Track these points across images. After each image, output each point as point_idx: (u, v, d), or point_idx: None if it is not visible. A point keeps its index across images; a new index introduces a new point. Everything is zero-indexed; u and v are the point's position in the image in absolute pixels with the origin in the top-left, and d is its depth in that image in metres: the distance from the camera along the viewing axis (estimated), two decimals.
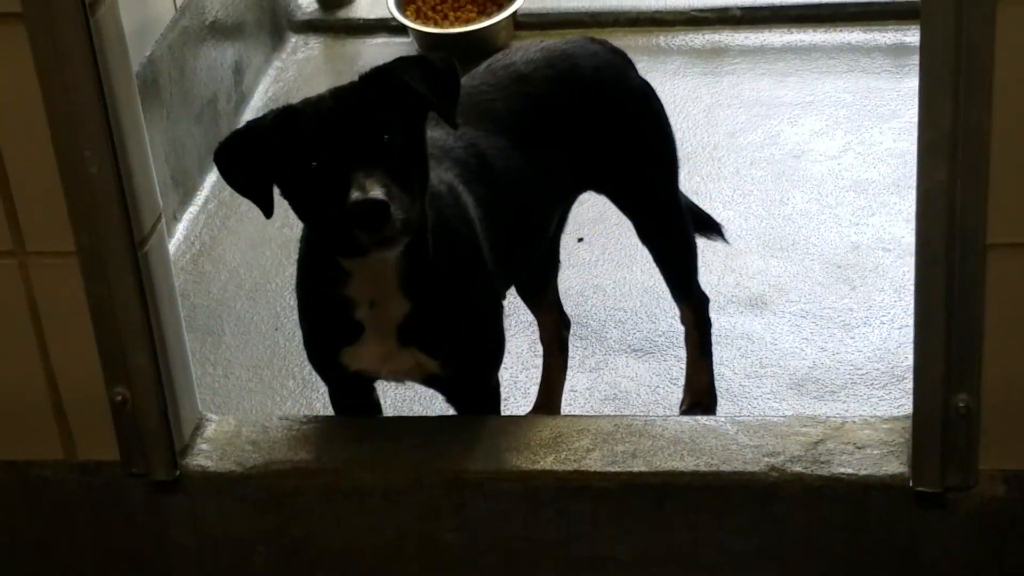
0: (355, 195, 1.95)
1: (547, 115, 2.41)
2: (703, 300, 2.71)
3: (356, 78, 2.09)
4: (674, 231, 2.63)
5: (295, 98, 3.85)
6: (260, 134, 2.06)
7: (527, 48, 2.52)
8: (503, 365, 2.35)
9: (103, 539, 2.31)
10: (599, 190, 2.57)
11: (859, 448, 2.15)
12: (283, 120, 2.05)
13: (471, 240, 2.21)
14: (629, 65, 2.55)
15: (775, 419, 2.25)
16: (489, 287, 2.27)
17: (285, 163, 2.03)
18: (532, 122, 2.39)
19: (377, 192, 1.95)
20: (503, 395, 2.40)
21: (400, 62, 2.10)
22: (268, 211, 2.08)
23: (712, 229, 2.84)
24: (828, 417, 2.22)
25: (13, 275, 2.10)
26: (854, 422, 2.20)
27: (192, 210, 3.45)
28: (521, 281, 2.63)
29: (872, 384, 2.82)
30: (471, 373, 2.29)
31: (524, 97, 2.40)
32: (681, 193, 2.65)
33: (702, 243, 2.77)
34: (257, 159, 2.05)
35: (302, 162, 2.01)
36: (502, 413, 2.40)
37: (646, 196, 2.58)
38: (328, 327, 2.21)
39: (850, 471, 2.12)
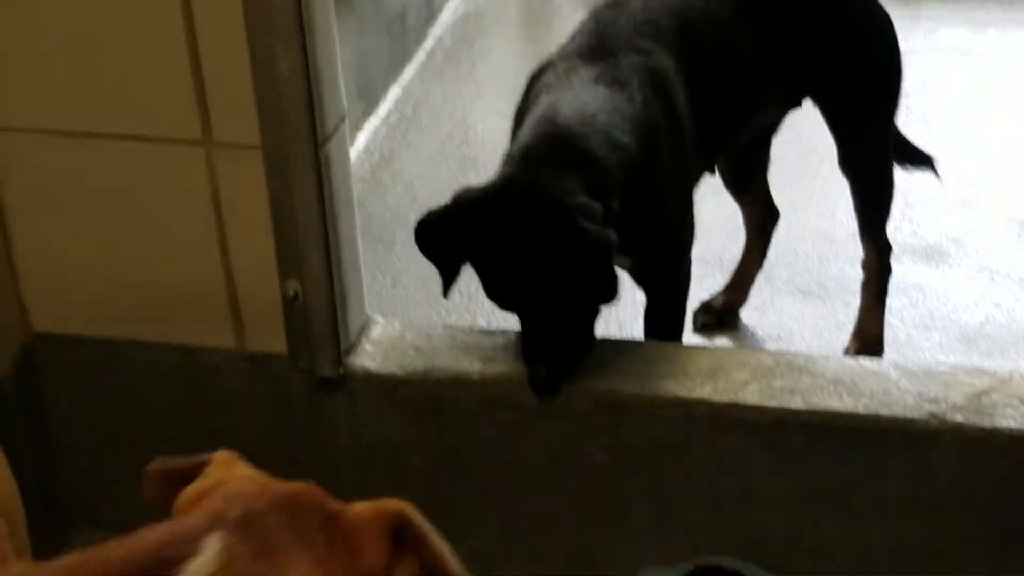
0: (531, 371, 2.15)
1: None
2: (888, 247, 2.68)
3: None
4: (878, 163, 2.62)
5: (484, 18, 3.91)
6: (453, 228, 2.15)
7: None
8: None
9: (264, 428, 2.37)
10: (817, 100, 2.54)
11: None
12: (477, 223, 2.13)
13: (675, 133, 2.24)
14: None
15: (940, 367, 2.21)
16: (684, 180, 2.29)
17: (478, 264, 2.17)
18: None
19: (551, 375, 2.14)
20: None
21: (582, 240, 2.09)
22: (446, 288, 2.20)
23: (923, 161, 2.80)
24: (995, 370, 2.18)
25: (199, 163, 2.15)
26: (1022, 375, 2.15)
27: (374, 122, 3.50)
28: (726, 174, 2.69)
29: None
30: (662, 263, 2.32)
31: None
32: (895, 126, 2.63)
33: None
34: (450, 248, 2.17)
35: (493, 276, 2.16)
36: (688, 299, 2.45)
37: (862, 118, 2.57)
38: None
39: (1013, 425, 2.08)
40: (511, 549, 2.35)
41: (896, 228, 3.03)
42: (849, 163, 2.58)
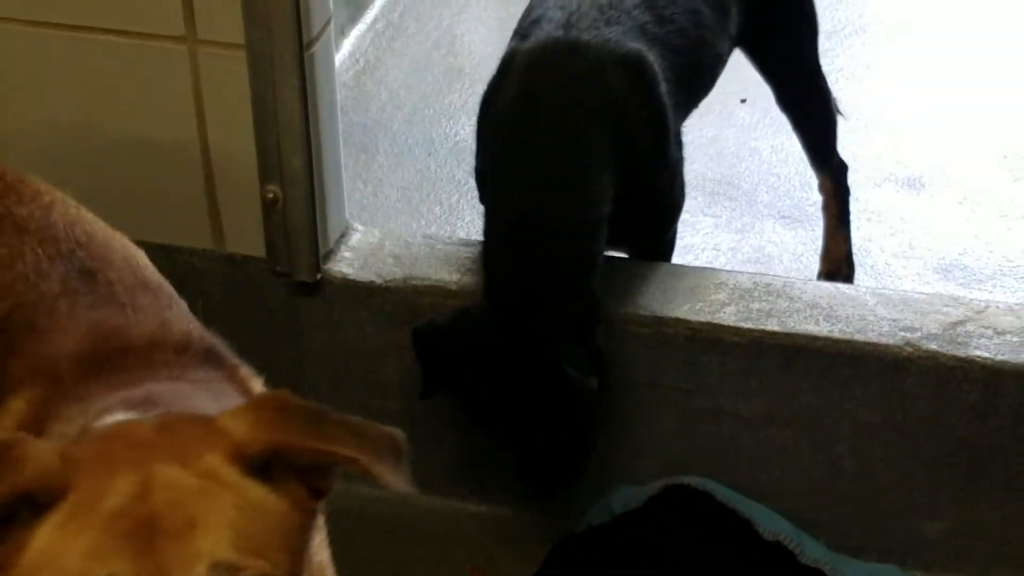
0: (525, 488, 2.21)
1: None
2: (842, 168, 2.69)
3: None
4: (816, 97, 2.62)
5: None
6: (446, 353, 2.14)
7: None
8: None
9: (240, 331, 2.33)
10: (747, 49, 2.54)
11: (999, 333, 2.11)
12: (468, 356, 2.10)
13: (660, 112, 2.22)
14: None
15: (916, 295, 2.22)
16: (670, 166, 2.28)
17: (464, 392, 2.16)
18: None
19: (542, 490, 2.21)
20: None
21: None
22: (424, 393, 2.18)
23: None
24: (971, 299, 2.19)
25: (182, 61, 2.13)
26: (997, 307, 2.16)
27: (360, 28, 3.46)
28: None
29: (1022, 278, 2.76)
30: (651, 233, 2.32)
31: None
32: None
33: (867, 121, 2.72)
34: (439, 366, 2.16)
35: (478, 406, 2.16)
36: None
37: (792, 58, 2.56)
38: None
39: (986, 355, 2.10)
40: (479, 463, 2.36)
41: (879, 156, 3.03)
42: (786, 102, 2.60)
